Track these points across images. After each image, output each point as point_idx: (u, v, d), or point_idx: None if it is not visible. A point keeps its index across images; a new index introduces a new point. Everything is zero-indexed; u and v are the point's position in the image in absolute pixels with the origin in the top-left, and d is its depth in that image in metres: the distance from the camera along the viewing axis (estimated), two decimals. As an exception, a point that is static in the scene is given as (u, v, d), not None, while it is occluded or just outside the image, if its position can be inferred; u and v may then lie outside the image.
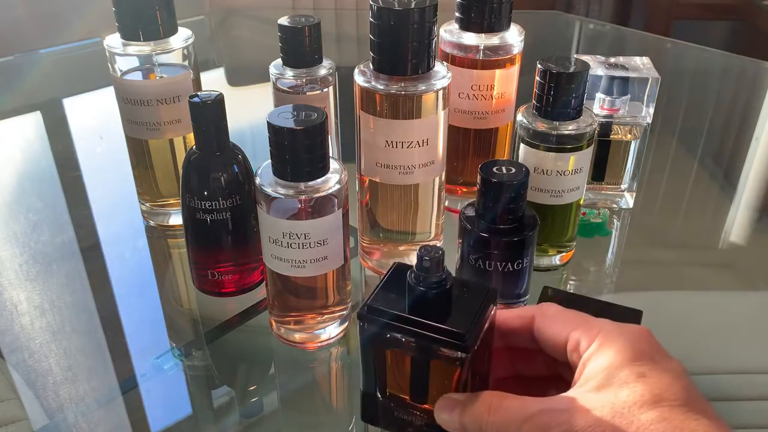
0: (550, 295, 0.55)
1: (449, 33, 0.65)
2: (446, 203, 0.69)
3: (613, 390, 0.35)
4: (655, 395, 0.34)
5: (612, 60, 0.72)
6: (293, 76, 0.67)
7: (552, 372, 0.42)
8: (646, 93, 0.70)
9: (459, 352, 0.39)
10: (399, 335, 0.40)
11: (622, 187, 0.73)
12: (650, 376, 0.35)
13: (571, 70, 0.57)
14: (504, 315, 0.42)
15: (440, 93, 0.55)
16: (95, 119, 1.00)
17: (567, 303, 0.42)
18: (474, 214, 0.55)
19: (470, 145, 0.69)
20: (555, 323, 0.40)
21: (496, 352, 0.43)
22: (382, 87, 0.54)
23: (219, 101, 0.54)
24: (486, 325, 0.40)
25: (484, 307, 0.40)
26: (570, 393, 0.36)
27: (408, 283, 0.40)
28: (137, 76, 0.65)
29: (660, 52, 1.23)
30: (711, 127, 0.98)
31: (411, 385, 0.42)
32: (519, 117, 0.61)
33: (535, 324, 0.41)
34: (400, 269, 0.42)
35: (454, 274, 0.47)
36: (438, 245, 0.40)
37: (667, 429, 0.33)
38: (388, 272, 0.43)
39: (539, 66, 0.58)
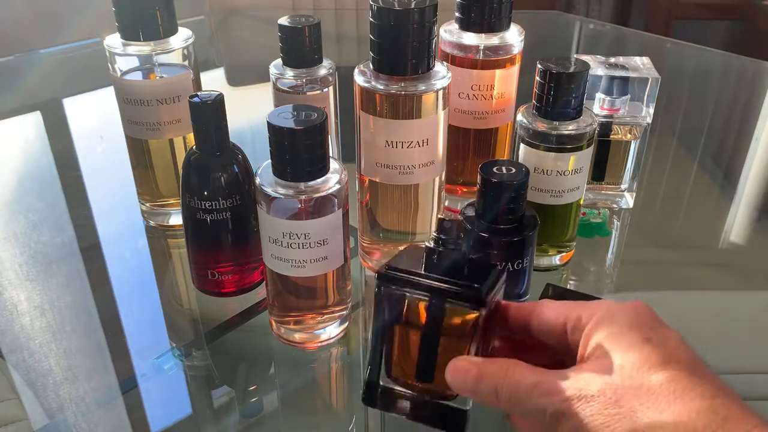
0: (552, 293, 0.55)
1: (449, 33, 0.65)
2: (446, 203, 0.69)
3: (620, 353, 0.35)
4: (664, 356, 0.34)
5: (612, 60, 0.72)
6: (293, 76, 0.67)
7: (554, 361, 0.42)
8: (646, 93, 0.70)
9: (475, 309, 0.39)
10: (417, 292, 0.41)
11: (622, 187, 0.73)
12: (655, 339, 0.35)
13: (571, 70, 0.57)
14: (503, 305, 0.43)
15: (440, 93, 0.55)
16: (95, 119, 1.00)
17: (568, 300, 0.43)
18: (474, 214, 0.55)
19: (470, 145, 0.69)
20: (553, 309, 0.40)
21: (498, 342, 0.43)
22: (382, 87, 0.54)
23: (219, 101, 0.54)
24: (497, 294, 0.41)
25: (495, 279, 0.41)
26: (579, 364, 0.37)
27: (426, 247, 0.41)
28: (137, 76, 0.65)
29: (660, 52, 1.23)
30: (711, 127, 0.98)
31: (418, 362, 0.42)
32: (519, 117, 0.61)
33: (534, 315, 0.41)
34: (411, 248, 0.44)
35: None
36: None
37: (677, 389, 0.33)
38: (402, 250, 0.44)
39: (539, 66, 0.58)
